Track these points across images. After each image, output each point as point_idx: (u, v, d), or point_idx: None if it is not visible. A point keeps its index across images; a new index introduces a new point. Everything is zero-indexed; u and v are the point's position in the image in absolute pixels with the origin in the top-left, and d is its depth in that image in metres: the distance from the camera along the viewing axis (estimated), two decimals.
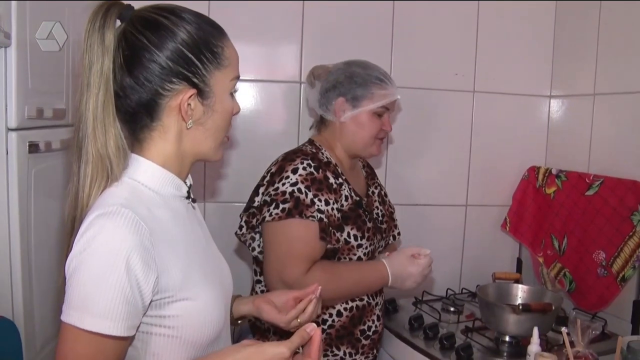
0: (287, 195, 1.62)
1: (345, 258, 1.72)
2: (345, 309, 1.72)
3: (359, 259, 1.73)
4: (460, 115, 2.45)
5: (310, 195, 1.63)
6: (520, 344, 1.79)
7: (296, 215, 1.61)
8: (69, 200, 1.00)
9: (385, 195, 2.00)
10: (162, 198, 1.04)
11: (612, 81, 2.15)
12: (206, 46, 1.02)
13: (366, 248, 1.74)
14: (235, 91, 1.10)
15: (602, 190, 2.06)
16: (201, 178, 2.22)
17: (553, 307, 1.77)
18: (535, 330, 1.62)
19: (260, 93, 2.26)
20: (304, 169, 1.66)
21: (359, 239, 1.72)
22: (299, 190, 1.63)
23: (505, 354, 1.79)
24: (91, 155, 0.97)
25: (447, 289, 2.31)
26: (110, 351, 0.91)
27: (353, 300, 1.73)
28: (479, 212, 2.50)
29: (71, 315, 0.89)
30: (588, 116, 2.25)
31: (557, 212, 2.27)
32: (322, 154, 1.77)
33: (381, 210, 1.89)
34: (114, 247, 0.90)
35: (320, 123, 1.86)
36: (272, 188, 1.66)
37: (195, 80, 1.01)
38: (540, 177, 2.38)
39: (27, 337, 1.43)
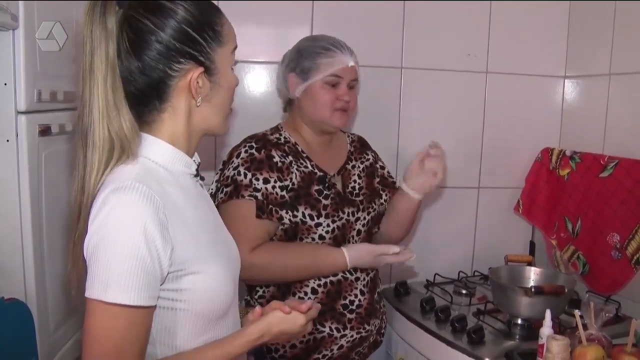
0: (229, 180, 1.69)
1: (306, 238, 1.72)
2: (318, 285, 1.74)
3: (321, 237, 1.73)
4: (472, 97, 2.42)
5: (249, 175, 1.68)
6: (532, 327, 1.78)
7: (234, 197, 1.67)
8: (75, 186, 1.02)
9: (382, 167, 2.01)
10: (173, 175, 1.07)
11: (628, 61, 2.10)
12: (208, 24, 1.05)
13: (328, 226, 1.74)
14: (235, 64, 1.12)
15: (617, 172, 2.03)
16: (212, 157, 2.22)
17: (566, 290, 1.76)
18: (548, 313, 1.60)
19: (271, 75, 2.24)
20: (246, 151, 1.71)
21: (315, 217, 1.72)
22: (239, 172, 1.68)
23: (517, 336, 1.78)
24: (98, 141, 0.98)
25: (459, 271, 2.31)
26: (138, 321, 0.95)
27: (325, 277, 1.74)
28: (492, 195, 2.48)
29: (95, 290, 0.92)
30: (603, 97, 2.21)
31: (570, 194, 2.25)
32: (280, 135, 1.80)
33: (359, 184, 1.88)
34: (132, 220, 0.93)
35: (287, 103, 1.90)
36: (221, 175, 1.74)
37: (201, 58, 1.04)
38: (554, 158, 2.36)
39: (40, 319, 1.44)
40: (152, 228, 0.93)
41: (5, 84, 1.34)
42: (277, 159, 1.71)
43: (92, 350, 0.93)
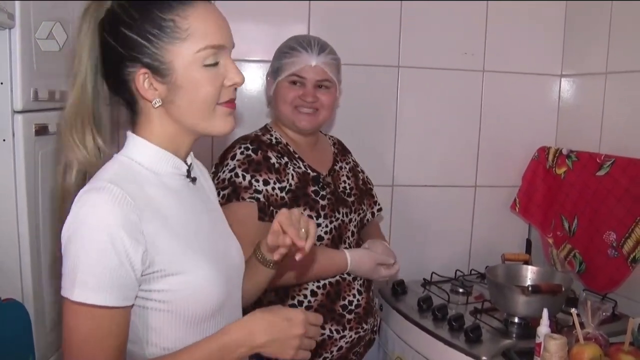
0: (226, 182, 1.65)
1: None
2: (318, 287, 1.72)
3: (320, 238, 1.73)
4: (469, 95, 2.42)
5: (247, 177, 1.64)
6: (529, 325, 1.78)
7: (234, 199, 1.63)
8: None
9: (362, 171, 2.01)
10: (157, 176, 1.06)
11: (625, 59, 2.11)
12: (152, 23, 0.99)
13: (326, 226, 1.74)
14: (213, 63, 1.03)
15: (614, 171, 2.04)
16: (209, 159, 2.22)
17: (563, 289, 1.77)
18: (545, 312, 1.61)
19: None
20: (242, 153, 1.67)
21: (314, 218, 1.71)
22: (236, 174, 1.64)
23: (514, 335, 1.78)
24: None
25: (456, 270, 2.31)
26: (107, 322, 0.94)
27: (325, 278, 1.73)
28: (488, 193, 2.49)
29: (65, 288, 0.93)
30: (599, 95, 2.21)
31: (567, 192, 2.25)
32: (271, 135, 1.77)
33: (349, 184, 1.88)
34: (98, 220, 0.93)
35: (270, 102, 1.89)
36: (216, 178, 1.68)
37: (147, 59, 1.00)
38: (551, 157, 2.36)
39: (37, 319, 1.44)
40: (118, 228, 0.93)
41: (2, 83, 1.34)
42: (273, 160, 1.70)
43: (66, 346, 0.95)
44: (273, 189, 1.67)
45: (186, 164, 1.12)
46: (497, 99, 2.44)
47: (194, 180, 1.15)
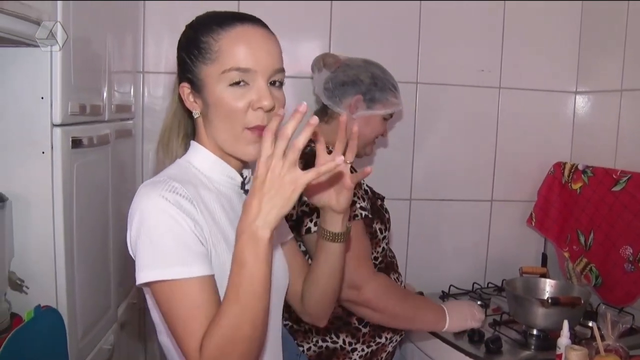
0: None
1: (373, 251, 1.73)
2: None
3: (383, 250, 1.76)
4: (486, 111, 2.46)
5: None
6: (548, 337, 1.81)
7: None
8: None
9: None
10: (211, 181, 1.14)
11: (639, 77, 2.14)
12: (194, 43, 1.10)
13: (387, 238, 1.78)
14: (237, 81, 1.06)
15: (630, 186, 2.07)
16: None
17: (582, 301, 1.79)
18: (566, 324, 1.63)
19: (289, 89, 2.27)
20: None
21: (383, 231, 1.75)
22: None
23: (533, 346, 1.81)
24: None
25: (473, 282, 2.33)
26: (198, 293, 0.97)
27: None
28: (505, 207, 2.52)
29: (151, 275, 0.98)
30: (615, 112, 2.25)
31: (583, 207, 2.28)
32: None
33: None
34: (158, 206, 0.99)
35: (324, 113, 1.83)
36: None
37: (189, 75, 1.11)
38: (566, 172, 2.39)
39: (70, 326, 1.48)
40: (176, 209, 0.99)
41: (42, 98, 1.39)
42: None
43: (171, 328, 0.99)
44: (367, 203, 1.67)
45: (242, 175, 1.19)
46: (513, 115, 2.48)
47: (247, 192, 1.19)
